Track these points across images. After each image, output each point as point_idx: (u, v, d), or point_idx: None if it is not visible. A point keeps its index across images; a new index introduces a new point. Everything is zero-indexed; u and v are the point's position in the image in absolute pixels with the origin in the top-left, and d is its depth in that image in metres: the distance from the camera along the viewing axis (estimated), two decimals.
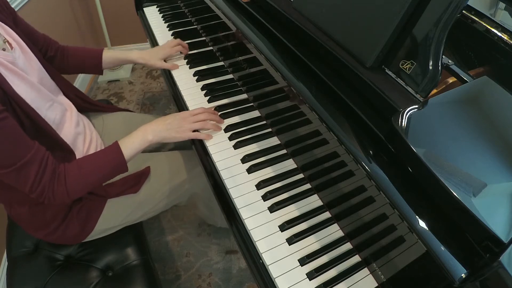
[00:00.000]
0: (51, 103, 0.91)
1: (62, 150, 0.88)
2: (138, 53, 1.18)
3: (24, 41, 0.88)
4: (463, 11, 0.78)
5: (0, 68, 0.74)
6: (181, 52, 1.23)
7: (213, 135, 0.96)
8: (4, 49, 0.80)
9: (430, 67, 0.59)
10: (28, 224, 0.95)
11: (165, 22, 1.44)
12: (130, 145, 0.88)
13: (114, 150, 0.86)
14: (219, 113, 1.01)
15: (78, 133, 0.99)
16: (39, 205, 0.91)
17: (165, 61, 1.21)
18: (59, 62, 1.10)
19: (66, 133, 0.93)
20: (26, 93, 0.80)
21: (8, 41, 0.82)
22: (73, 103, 1.05)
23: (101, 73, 1.19)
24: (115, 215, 1.01)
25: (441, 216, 0.53)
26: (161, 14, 1.49)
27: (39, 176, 0.75)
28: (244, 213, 0.79)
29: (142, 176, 1.04)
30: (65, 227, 0.95)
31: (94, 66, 1.15)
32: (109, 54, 1.16)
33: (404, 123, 0.57)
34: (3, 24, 0.85)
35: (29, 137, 0.75)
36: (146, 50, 1.20)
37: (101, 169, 0.84)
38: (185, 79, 1.15)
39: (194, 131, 0.95)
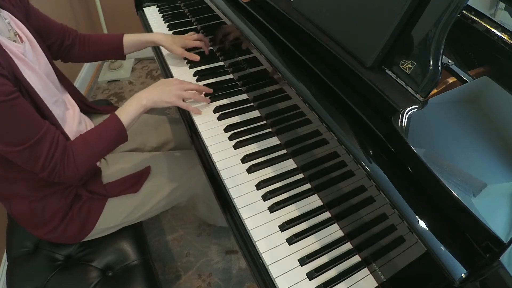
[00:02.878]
0: (57, 98, 0.92)
1: None
2: (160, 35, 1.17)
3: (34, 37, 0.90)
4: (463, 11, 0.78)
5: (12, 56, 0.76)
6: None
7: (213, 135, 0.96)
8: (15, 41, 0.82)
9: (430, 67, 0.59)
10: (28, 222, 0.95)
11: (165, 22, 1.44)
12: (126, 113, 0.90)
13: (113, 119, 0.89)
14: (219, 113, 1.01)
15: (80, 131, 1.00)
16: (39, 201, 0.91)
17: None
18: (78, 50, 1.11)
19: (68, 131, 0.94)
20: (35, 83, 0.81)
21: (18, 35, 0.84)
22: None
23: (123, 58, 1.20)
24: (115, 214, 1.01)
25: (441, 216, 0.53)
26: (161, 14, 1.49)
27: (51, 152, 0.77)
28: (244, 213, 0.79)
29: (142, 175, 1.05)
30: (66, 225, 0.95)
31: (116, 51, 1.16)
32: (131, 38, 1.16)
33: (404, 123, 0.57)
34: (14, 18, 0.87)
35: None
36: (169, 35, 1.19)
37: (104, 139, 0.87)
38: (185, 79, 1.14)
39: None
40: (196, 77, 1.15)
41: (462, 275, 0.48)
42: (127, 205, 1.03)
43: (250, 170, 0.87)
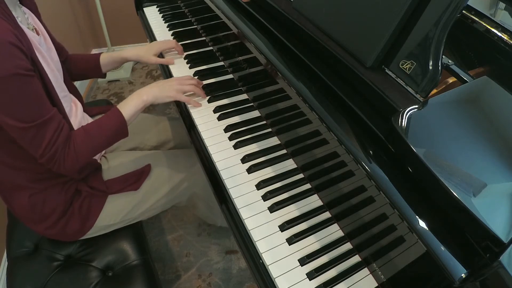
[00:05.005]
0: (65, 94, 0.94)
1: None
2: (132, 50, 1.19)
3: (48, 34, 0.94)
4: (463, 11, 0.78)
5: (31, 44, 0.78)
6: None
7: (213, 135, 0.96)
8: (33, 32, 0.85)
9: (430, 67, 0.59)
10: (28, 217, 0.95)
11: (165, 22, 1.44)
12: (128, 107, 0.93)
13: (115, 113, 0.91)
14: (219, 113, 1.01)
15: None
16: (39, 194, 0.92)
17: (161, 57, 1.21)
18: (67, 68, 1.13)
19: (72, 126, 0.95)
20: (48, 72, 0.83)
21: (35, 28, 0.87)
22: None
23: (103, 76, 1.22)
24: (115, 211, 1.02)
25: (441, 216, 0.53)
26: (161, 14, 1.49)
27: (55, 137, 0.78)
28: (244, 213, 0.79)
29: (142, 173, 1.05)
30: (66, 221, 0.96)
31: (94, 70, 1.18)
32: (106, 56, 1.18)
33: (404, 123, 0.57)
34: (32, 14, 0.90)
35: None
36: (140, 46, 1.21)
37: (105, 131, 0.88)
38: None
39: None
40: (196, 77, 1.15)
41: (462, 275, 0.48)
42: (127, 203, 1.03)
43: (250, 170, 0.87)
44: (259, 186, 0.84)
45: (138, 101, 0.94)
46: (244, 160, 0.90)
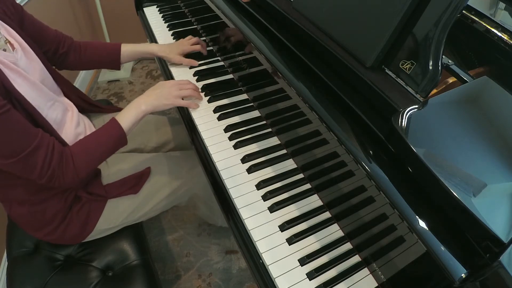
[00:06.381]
0: (53, 102, 0.91)
1: None
2: (158, 46, 1.19)
3: (28, 42, 0.89)
4: (463, 11, 0.78)
5: (1, 67, 0.75)
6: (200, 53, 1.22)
7: (213, 135, 0.96)
8: (5, 50, 0.81)
9: (430, 67, 0.59)
10: (27, 225, 0.95)
11: (165, 22, 1.44)
12: (126, 118, 0.91)
13: (113, 125, 0.89)
14: (219, 113, 1.01)
15: (79, 133, 0.99)
16: (39, 205, 0.91)
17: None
18: (73, 57, 1.10)
19: (67, 133, 0.94)
20: (27, 92, 0.80)
21: (9, 42, 0.83)
22: (74, 104, 1.05)
23: (118, 68, 1.18)
24: (115, 215, 1.01)
25: (441, 216, 0.53)
26: (161, 14, 1.49)
27: (48, 160, 0.77)
28: (244, 213, 0.79)
29: (142, 176, 1.05)
30: (65, 227, 0.95)
31: (112, 61, 1.15)
32: (128, 48, 1.15)
33: (404, 123, 0.57)
34: (5, 25, 0.85)
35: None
36: (166, 44, 1.21)
37: (104, 144, 0.87)
38: (185, 79, 1.15)
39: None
40: (196, 77, 1.15)
41: (462, 275, 0.48)
42: (127, 206, 1.03)
43: (250, 170, 0.87)
44: (259, 186, 0.84)
45: (136, 111, 0.92)
46: (244, 160, 0.90)
